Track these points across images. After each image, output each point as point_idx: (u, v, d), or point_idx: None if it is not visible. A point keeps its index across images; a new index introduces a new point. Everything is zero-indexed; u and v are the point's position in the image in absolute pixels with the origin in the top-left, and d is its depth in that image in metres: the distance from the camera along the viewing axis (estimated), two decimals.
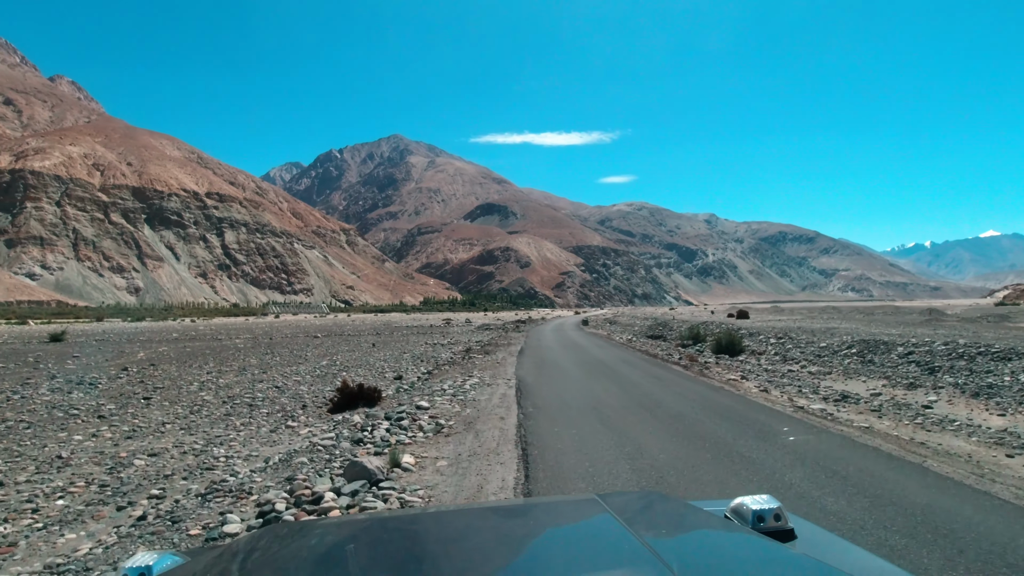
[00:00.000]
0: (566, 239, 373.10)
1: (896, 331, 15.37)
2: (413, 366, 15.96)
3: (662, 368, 12.41)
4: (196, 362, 19.15)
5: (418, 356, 18.84)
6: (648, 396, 8.70)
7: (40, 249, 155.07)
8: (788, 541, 1.06)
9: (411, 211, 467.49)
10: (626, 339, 22.46)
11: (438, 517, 1.33)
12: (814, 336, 15.57)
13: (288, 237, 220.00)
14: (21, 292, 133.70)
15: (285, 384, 14.02)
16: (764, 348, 15.31)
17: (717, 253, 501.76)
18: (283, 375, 15.44)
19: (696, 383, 10.00)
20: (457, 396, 9.12)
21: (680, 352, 15.67)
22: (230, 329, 47.36)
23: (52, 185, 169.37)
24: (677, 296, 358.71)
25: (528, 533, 1.20)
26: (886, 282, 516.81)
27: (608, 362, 13.80)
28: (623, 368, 12.59)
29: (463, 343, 23.69)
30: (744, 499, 1.15)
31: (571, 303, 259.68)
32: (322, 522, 1.32)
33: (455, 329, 38.69)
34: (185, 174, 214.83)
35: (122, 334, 39.29)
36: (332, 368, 16.61)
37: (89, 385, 13.93)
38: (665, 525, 1.21)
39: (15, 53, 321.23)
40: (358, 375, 14.68)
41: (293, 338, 31.97)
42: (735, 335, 15.76)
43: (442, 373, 13.25)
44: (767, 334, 17.35)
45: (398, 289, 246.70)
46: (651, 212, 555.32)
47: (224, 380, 14.92)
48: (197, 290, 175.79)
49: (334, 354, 21.19)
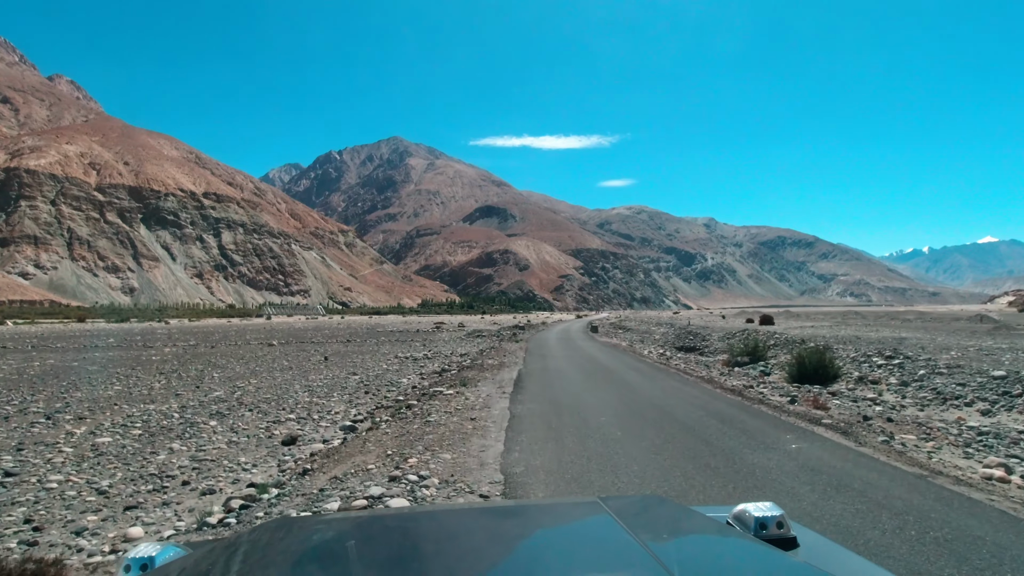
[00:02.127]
0: (565, 242, 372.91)
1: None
2: (343, 406, 9.90)
3: (806, 438, 6.04)
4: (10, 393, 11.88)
5: (367, 383, 13.00)
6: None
7: (34, 248, 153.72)
8: (791, 549, 1.04)
9: (410, 213, 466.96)
10: (658, 354, 17.82)
11: (438, 516, 1.33)
12: (929, 352, 11.27)
13: (286, 238, 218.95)
14: (14, 291, 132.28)
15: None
16: (869, 372, 10.40)
17: (716, 257, 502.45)
18: (74, 450, 7.11)
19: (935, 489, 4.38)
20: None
21: (762, 381, 10.71)
22: (195, 333, 43.44)
23: (47, 184, 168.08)
24: (676, 300, 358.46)
25: (528, 533, 1.20)
26: (885, 287, 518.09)
27: (684, 419, 7.11)
28: (734, 443, 5.89)
29: (442, 357, 18.96)
30: (747, 506, 1.14)
31: (570, 306, 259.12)
32: (324, 518, 1.30)
33: (443, 336, 34.56)
34: (183, 174, 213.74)
35: (58, 337, 35.52)
36: (211, 407, 10.04)
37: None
38: (666, 529, 1.20)
39: (13, 52, 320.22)
40: (229, 429, 8.30)
41: (244, 346, 27.06)
42: (823, 353, 10.76)
43: (371, 440, 6.61)
44: (845, 349, 12.89)
45: (396, 291, 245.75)
46: (650, 216, 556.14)
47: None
48: (193, 291, 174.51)
49: (259, 374, 15.25)
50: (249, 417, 9.23)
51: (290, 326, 62.31)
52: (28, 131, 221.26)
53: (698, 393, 9.41)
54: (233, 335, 38.60)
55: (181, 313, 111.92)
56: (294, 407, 10.05)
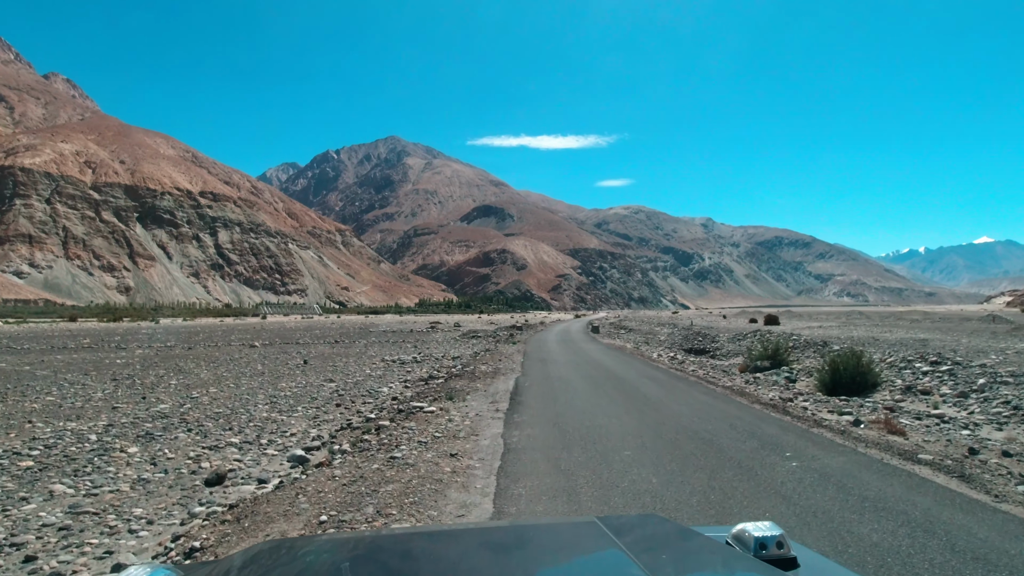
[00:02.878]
0: (563, 242, 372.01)
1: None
2: (304, 424, 8.35)
3: (919, 488, 4.51)
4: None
5: (342, 392, 11.40)
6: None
7: (29, 247, 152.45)
8: (791, 570, 1.03)
9: (408, 213, 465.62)
10: (669, 358, 16.64)
11: (434, 536, 1.31)
12: (963, 356, 10.35)
13: (283, 237, 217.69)
14: (8, 291, 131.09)
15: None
16: (915, 380, 9.11)
17: (713, 257, 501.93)
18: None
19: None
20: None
21: (797, 392, 9.25)
22: (181, 333, 41.46)
23: (42, 182, 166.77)
24: (673, 300, 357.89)
25: (524, 554, 1.19)
26: (881, 287, 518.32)
27: (735, 454, 5.60)
28: (822, 498, 4.34)
29: (432, 361, 17.71)
30: (746, 525, 1.13)
31: (567, 306, 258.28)
32: (318, 539, 1.31)
33: (437, 336, 33.11)
34: (179, 173, 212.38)
35: (33, 337, 33.74)
36: (145, 426, 8.30)
37: None
38: (665, 549, 1.19)
39: (9, 50, 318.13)
40: (149, 459, 6.53)
41: (225, 347, 25.35)
42: (859, 358, 9.21)
43: (310, 489, 4.87)
44: (874, 353, 11.55)
45: (394, 290, 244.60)
46: (648, 216, 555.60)
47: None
48: (189, 290, 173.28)
49: (224, 381, 13.48)
50: (183, 441, 7.48)
51: (282, 325, 61.20)
52: (23, 129, 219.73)
53: (734, 411, 7.81)
54: (219, 335, 37.41)
55: (176, 312, 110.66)
56: (245, 426, 8.37)
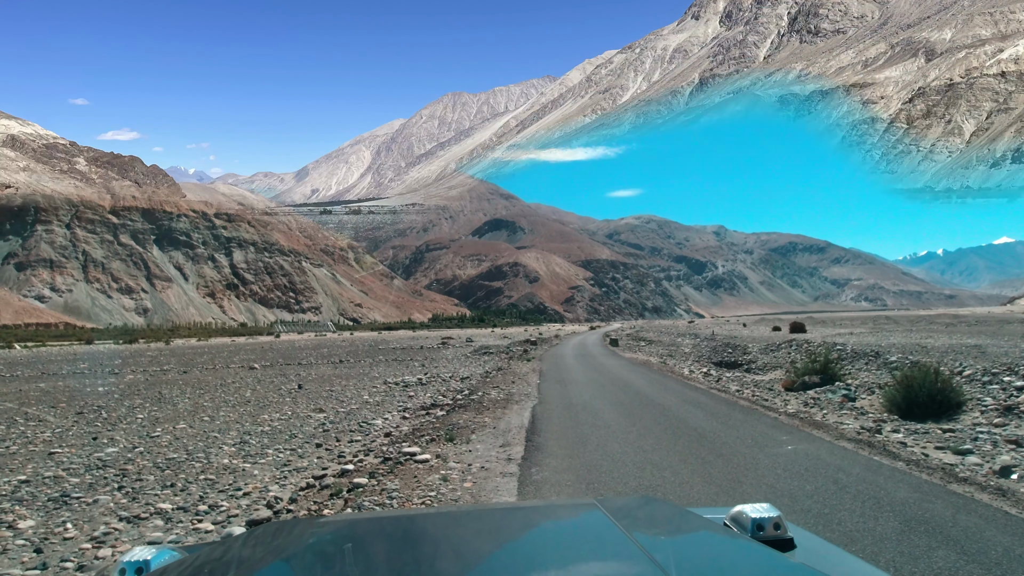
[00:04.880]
0: (575, 253, 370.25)
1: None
2: (268, 476, 6.57)
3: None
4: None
5: (329, 426, 9.51)
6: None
7: (49, 271, 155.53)
8: (788, 551, 1.04)
9: (419, 228, 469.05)
10: (703, 374, 14.92)
11: (435, 518, 1.33)
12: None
13: (296, 256, 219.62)
14: (30, 315, 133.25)
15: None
16: (1007, 399, 7.40)
17: (727, 265, 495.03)
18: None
19: None
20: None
21: (862, 412, 7.99)
22: (185, 354, 40.64)
23: (63, 208, 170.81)
24: (688, 309, 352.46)
25: (525, 535, 1.20)
26: (900, 291, 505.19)
27: (835, 517, 3.84)
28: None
29: (438, 383, 16.02)
30: (744, 507, 1.14)
31: (581, 317, 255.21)
32: (319, 520, 1.31)
33: (447, 353, 31.32)
34: (194, 195, 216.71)
35: (36, 362, 33.50)
36: (70, 480, 6.56)
37: None
38: (663, 530, 1.20)
39: None
40: (31, 544, 4.45)
41: (223, 370, 24.34)
42: (937, 372, 7.69)
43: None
44: (943, 363, 9.66)
45: (407, 306, 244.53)
46: (659, 225, 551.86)
47: None
48: (205, 310, 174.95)
49: (199, 412, 11.72)
50: (101, 507, 5.51)
51: (292, 344, 60.50)
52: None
53: (825, 455, 5.69)
54: (224, 356, 36.33)
55: (192, 332, 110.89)
56: (193, 480, 6.49)
